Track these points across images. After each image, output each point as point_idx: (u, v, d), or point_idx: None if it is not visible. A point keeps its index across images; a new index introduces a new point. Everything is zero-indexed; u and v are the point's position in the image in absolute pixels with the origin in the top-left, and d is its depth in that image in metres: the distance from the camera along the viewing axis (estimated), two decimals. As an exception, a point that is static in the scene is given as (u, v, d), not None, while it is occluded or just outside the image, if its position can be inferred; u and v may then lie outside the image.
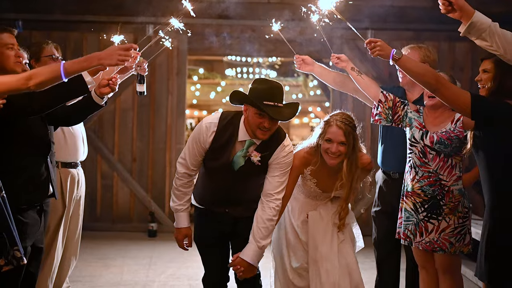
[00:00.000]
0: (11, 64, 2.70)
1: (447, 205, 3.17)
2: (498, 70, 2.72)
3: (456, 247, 3.18)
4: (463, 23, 2.48)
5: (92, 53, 2.39)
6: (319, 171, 3.12)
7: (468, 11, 2.43)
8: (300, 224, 3.20)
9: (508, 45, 2.38)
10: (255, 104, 2.88)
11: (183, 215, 3.12)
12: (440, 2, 2.48)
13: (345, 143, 3.02)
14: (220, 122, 2.98)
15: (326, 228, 3.15)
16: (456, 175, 3.19)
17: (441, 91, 2.68)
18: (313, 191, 3.19)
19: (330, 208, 3.22)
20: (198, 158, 3.04)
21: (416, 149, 3.25)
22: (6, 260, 2.28)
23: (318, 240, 3.13)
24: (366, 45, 2.82)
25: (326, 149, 3.05)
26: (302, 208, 3.23)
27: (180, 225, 3.14)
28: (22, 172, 2.70)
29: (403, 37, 6.68)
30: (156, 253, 5.63)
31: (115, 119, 6.70)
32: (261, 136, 2.94)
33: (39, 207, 2.87)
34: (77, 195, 3.76)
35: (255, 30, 6.65)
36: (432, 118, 3.28)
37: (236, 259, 3.03)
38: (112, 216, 6.70)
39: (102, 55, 2.33)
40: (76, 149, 3.72)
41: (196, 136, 3.01)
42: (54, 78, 2.28)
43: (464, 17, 2.44)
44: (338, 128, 3.03)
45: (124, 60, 2.36)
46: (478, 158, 2.79)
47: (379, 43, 2.77)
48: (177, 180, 3.09)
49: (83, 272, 4.78)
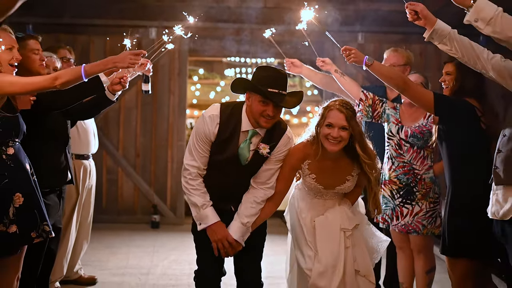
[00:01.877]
0: (36, 66, 3.09)
1: (419, 191, 3.56)
2: (459, 72, 3.12)
3: (428, 229, 3.57)
4: (427, 30, 2.85)
5: (107, 57, 2.79)
6: (318, 164, 2.98)
7: (431, 19, 2.78)
8: (309, 224, 3.05)
9: (465, 49, 2.73)
10: (259, 90, 2.78)
11: (211, 209, 2.94)
12: (408, 12, 2.85)
13: (347, 127, 2.88)
14: (222, 113, 2.89)
15: (333, 235, 2.96)
16: (427, 165, 3.58)
17: (408, 91, 3.08)
18: (313, 187, 3.02)
19: (339, 211, 3.04)
20: (206, 154, 2.93)
21: (393, 142, 3.65)
22: (37, 234, 2.68)
23: (325, 248, 2.95)
24: (342, 52, 3.21)
25: (327, 134, 2.89)
26: (310, 210, 3.08)
27: (212, 220, 2.92)
28: (46, 160, 3.09)
29: (392, 40, 7.04)
30: (159, 242, 6.02)
31: (120, 117, 7.06)
32: (264, 125, 2.84)
33: (58, 191, 3.29)
34: (88, 184, 4.17)
35: (252, 32, 7.02)
36: (407, 115, 3.68)
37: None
38: (117, 208, 7.06)
39: (116, 58, 2.74)
40: (88, 142, 4.14)
41: (200, 131, 2.90)
42: (76, 78, 2.68)
43: (428, 25, 2.79)
44: (339, 112, 2.89)
45: (134, 63, 2.76)
46: (442, 149, 3.20)
47: (353, 51, 3.17)
48: (192, 181, 2.93)
49: (92, 258, 5.16)
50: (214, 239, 2.92)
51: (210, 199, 2.96)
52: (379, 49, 6.93)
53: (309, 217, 3.04)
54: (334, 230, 2.96)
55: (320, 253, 2.92)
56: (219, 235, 2.91)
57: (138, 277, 4.67)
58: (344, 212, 3.03)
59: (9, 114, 2.60)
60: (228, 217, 2.98)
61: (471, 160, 3.04)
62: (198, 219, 2.96)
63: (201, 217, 2.94)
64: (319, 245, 2.94)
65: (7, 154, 2.56)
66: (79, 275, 4.34)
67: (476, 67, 2.71)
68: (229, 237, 2.91)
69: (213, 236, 2.92)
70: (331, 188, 3.00)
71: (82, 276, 4.36)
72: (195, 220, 2.99)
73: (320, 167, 2.97)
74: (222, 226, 2.93)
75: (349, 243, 2.96)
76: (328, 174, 2.98)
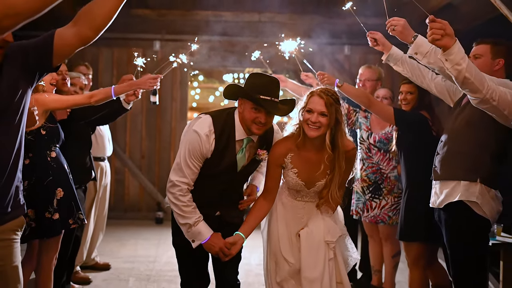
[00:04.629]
0: (59, 85, 3.70)
1: (385, 187, 4.22)
2: (419, 90, 3.74)
3: (393, 219, 4.22)
4: (384, 54, 3.39)
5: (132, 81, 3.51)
6: (300, 157, 2.91)
7: (388, 46, 3.35)
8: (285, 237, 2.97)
9: (414, 71, 3.34)
10: (251, 97, 2.73)
11: (203, 224, 2.83)
12: (369, 39, 3.44)
13: (326, 114, 2.80)
14: (215, 127, 2.80)
15: (318, 248, 2.91)
16: (392, 165, 4.24)
17: (372, 107, 3.73)
18: (295, 183, 2.92)
19: (322, 223, 2.96)
20: (198, 171, 2.84)
21: (364, 146, 4.31)
22: (74, 220, 3.32)
23: (310, 262, 2.89)
24: (317, 77, 3.87)
25: (307, 119, 2.83)
26: (289, 219, 2.99)
27: (207, 234, 2.82)
28: (75, 161, 3.73)
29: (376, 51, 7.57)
30: (163, 236, 6.65)
31: (127, 122, 7.67)
32: (256, 131, 2.79)
33: (84, 187, 3.95)
34: (104, 183, 4.83)
35: (248, 46, 7.62)
36: (376, 123, 4.33)
37: (249, 187, 3.09)
38: (124, 206, 7.68)
39: (139, 82, 3.45)
40: (104, 146, 4.80)
41: (195, 149, 2.78)
42: (107, 97, 3.37)
43: (385, 50, 3.37)
44: (319, 98, 2.82)
45: (153, 85, 3.44)
46: (400, 154, 3.86)
47: (326, 75, 3.83)
48: (182, 197, 2.81)
49: (104, 249, 5.80)
50: (214, 251, 2.84)
51: (197, 205, 2.84)
52: (364, 60, 7.54)
53: (287, 232, 2.96)
54: (319, 243, 2.90)
55: (303, 266, 2.86)
56: (217, 247, 2.82)
57: (146, 264, 5.33)
58: (327, 222, 2.96)
59: (51, 125, 3.26)
60: (210, 222, 2.86)
61: (423, 163, 3.58)
62: (190, 237, 2.83)
63: (194, 234, 2.82)
64: (303, 259, 2.87)
65: (51, 157, 3.21)
66: (95, 262, 5.01)
67: (422, 85, 3.35)
68: (227, 244, 2.83)
69: (212, 250, 2.84)
70: (312, 184, 2.92)
71: (98, 263, 5.03)
72: (188, 238, 2.85)
73: (302, 160, 2.90)
74: (217, 236, 2.83)
75: (332, 254, 2.93)
76: (310, 168, 2.90)
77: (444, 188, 3.08)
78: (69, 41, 2.00)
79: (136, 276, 4.96)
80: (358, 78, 4.64)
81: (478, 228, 2.99)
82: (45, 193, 3.13)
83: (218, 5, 7.59)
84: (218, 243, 2.82)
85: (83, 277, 4.57)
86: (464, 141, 3.02)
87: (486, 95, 2.53)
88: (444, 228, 3.11)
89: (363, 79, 4.58)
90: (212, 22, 7.55)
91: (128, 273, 5.03)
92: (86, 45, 2.06)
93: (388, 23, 3.00)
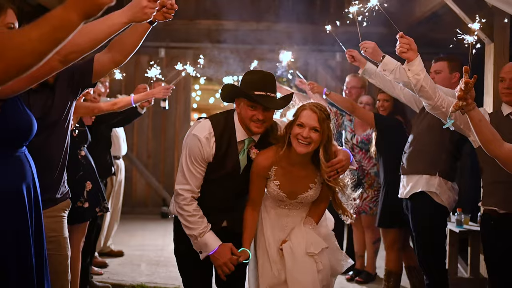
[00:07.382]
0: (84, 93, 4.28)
1: (366, 182, 4.82)
2: (393, 98, 4.32)
3: (374, 210, 4.83)
4: (360, 68, 3.91)
5: (148, 91, 4.12)
6: (284, 171, 2.78)
7: (363, 62, 3.85)
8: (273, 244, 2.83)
9: (385, 83, 3.86)
10: (245, 94, 2.65)
11: (210, 234, 2.74)
12: (347, 56, 3.96)
13: (318, 129, 2.65)
14: (215, 130, 2.72)
15: (302, 262, 2.76)
16: (372, 163, 4.85)
17: (355, 112, 4.34)
18: (276, 194, 2.80)
19: (302, 235, 2.80)
20: (201, 176, 2.74)
21: (348, 146, 4.92)
22: (100, 209, 3.90)
23: (298, 277, 2.74)
24: (308, 86, 4.48)
25: (297, 134, 2.67)
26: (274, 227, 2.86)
27: (214, 245, 2.72)
28: (98, 158, 4.31)
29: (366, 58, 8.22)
30: (169, 228, 7.04)
31: (134, 124, 8.06)
32: (255, 130, 2.68)
33: (104, 182, 4.55)
34: (120, 179, 5.44)
35: (246, 52, 8.20)
36: (359, 126, 4.94)
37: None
38: (131, 202, 8.22)
39: (154, 92, 4.09)
40: (120, 146, 5.42)
41: (196, 154, 2.70)
42: (128, 104, 3.99)
43: (361, 65, 3.90)
44: (312, 112, 2.68)
45: (166, 94, 4.07)
46: (378, 154, 4.47)
47: (316, 84, 4.45)
48: (187, 206, 2.72)
49: (116, 239, 6.37)
50: (217, 264, 2.74)
51: (204, 213, 2.75)
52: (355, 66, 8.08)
53: (272, 237, 2.84)
54: (301, 256, 2.76)
55: (290, 281, 2.73)
56: (221, 260, 2.71)
57: (155, 252, 5.94)
58: (309, 235, 2.81)
59: (81, 128, 3.85)
60: (221, 234, 2.78)
61: (399, 161, 4.04)
62: (198, 248, 2.76)
63: (200, 245, 2.74)
64: (288, 274, 2.75)
65: (81, 155, 3.79)
66: (110, 249, 5.63)
67: (393, 94, 3.94)
68: (233, 259, 2.73)
69: (215, 262, 2.74)
70: (293, 197, 2.80)
71: (113, 250, 5.65)
72: (195, 249, 2.78)
73: (285, 173, 2.77)
74: (224, 248, 2.73)
75: (321, 265, 2.79)
76: (292, 181, 2.78)
77: (409, 181, 3.69)
78: (105, 64, 2.48)
79: (147, 261, 5.56)
80: (345, 85, 5.22)
81: (437, 214, 3.61)
82: (77, 186, 3.70)
83: (219, 14, 8.08)
84: (224, 256, 2.71)
85: (101, 262, 5.18)
86: (426, 142, 3.64)
87: (437, 102, 3.09)
88: (410, 215, 3.72)
89: (349, 87, 5.16)
90: (213, 31, 8.13)
91: (139, 259, 5.63)
92: (118, 67, 2.61)
93: (361, 45, 3.54)
